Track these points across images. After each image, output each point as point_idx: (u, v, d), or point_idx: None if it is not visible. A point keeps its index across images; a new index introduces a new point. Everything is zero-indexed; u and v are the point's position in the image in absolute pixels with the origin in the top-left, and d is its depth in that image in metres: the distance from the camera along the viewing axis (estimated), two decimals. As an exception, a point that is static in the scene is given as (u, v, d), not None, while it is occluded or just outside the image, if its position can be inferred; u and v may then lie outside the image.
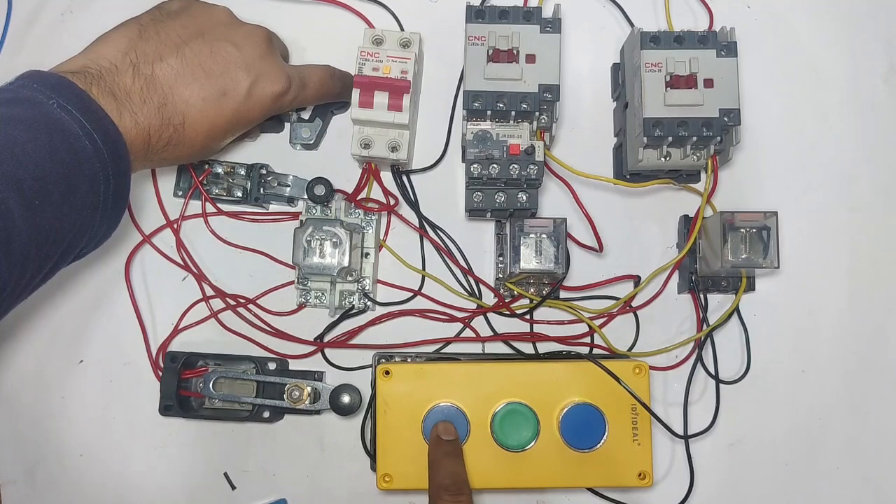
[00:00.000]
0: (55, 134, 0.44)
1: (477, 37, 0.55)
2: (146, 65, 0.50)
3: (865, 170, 0.64)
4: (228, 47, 0.52)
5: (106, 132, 0.46)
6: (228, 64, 0.52)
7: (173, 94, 0.50)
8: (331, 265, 0.58)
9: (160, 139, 0.49)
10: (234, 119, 0.53)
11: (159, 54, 0.50)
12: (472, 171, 0.56)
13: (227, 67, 0.52)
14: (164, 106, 0.49)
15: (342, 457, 0.60)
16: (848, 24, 0.66)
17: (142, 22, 0.52)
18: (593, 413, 0.56)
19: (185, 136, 0.51)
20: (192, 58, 0.51)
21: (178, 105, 0.50)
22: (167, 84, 0.50)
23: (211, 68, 0.51)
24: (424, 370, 0.57)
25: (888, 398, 0.61)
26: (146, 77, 0.49)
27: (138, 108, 0.48)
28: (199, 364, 0.60)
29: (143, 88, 0.49)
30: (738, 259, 0.56)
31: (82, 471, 0.60)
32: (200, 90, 0.51)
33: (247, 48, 0.53)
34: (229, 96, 0.52)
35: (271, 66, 0.54)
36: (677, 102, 0.55)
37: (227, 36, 0.53)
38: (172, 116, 0.50)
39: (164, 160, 0.52)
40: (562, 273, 0.57)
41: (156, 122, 0.49)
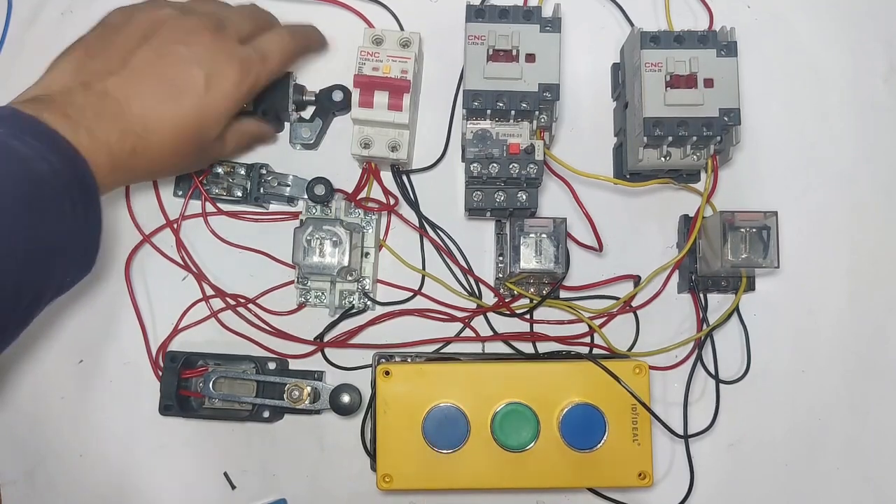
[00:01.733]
0: (9, 162, 0.43)
1: (477, 36, 0.55)
2: (97, 82, 0.49)
3: (865, 170, 0.64)
4: (175, 47, 0.51)
5: (60, 151, 0.45)
6: (178, 63, 0.51)
7: (129, 103, 0.49)
8: (331, 265, 0.58)
9: (123, 149, 0.48)
10: (200, 116, 0.51)
11: (108, 69, 0.50)
12: (472, 170, 0.56)
13: (178, 67, 0.51)
14: (119, 116, 0.49)
15: (342, 457, 0.60)
16: (848, 24, 0.66)
17: (87, 41, 0.52)
18: (593, 413, 0.56)
19: (151, 142, 0.50)
20: (139, 65, 0.50)
21: (134, 112, 0.49)
22: (120, 95, 0.49)
23: (162, 72, 0.51)
24: (424, 370, 0.57)
25: (888, 398, 0.61)
26: (98, 93, 0.49)
27: (94, 123, 0.47)
28: (199, 364, 0.60)
29: (97, 104, 0.48)
30: (738, 259, 0.56)
31: (82, 471, 0.60)
32: (155, 94, 0.50)
33: (194, 43, 0.52)
34: (186, 94, 0.51)
35: (222, 55, 0.52)
36: (677, 102, 0.55)
37: (173, 36, 0.51)
38: (132, 125, 0.49)
39: (139, 170, 0.51)
40: (562, 273, 0.57)
41: (114, 133, 0.48)
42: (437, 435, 0.55)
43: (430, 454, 0.55)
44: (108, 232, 0.62)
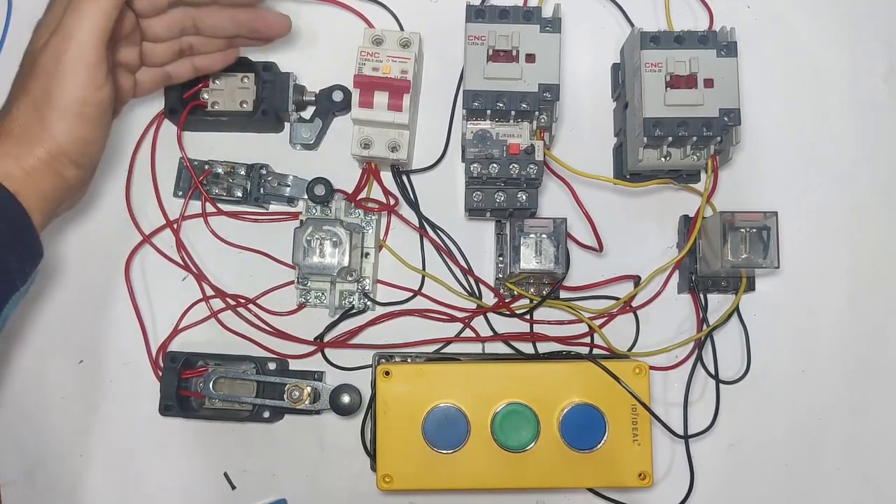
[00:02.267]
0: None
1: (477, 36, 0.55)
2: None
3: (865, 170, 0.64)
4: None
5: None
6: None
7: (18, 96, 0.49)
8: (331, 265, 0.58)
9: (15, 121, 0.48)
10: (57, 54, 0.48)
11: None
12: (472, 170, 0.56)
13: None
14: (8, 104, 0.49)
15: (342, 457, 0.60)
16: (848, 24, 0.66)
17: None
18: (593, 413, 0.56)
19: (38, 100, 0.48)
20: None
21: (17, 95, 0.49)
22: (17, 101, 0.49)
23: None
24: (424, 370, 0.57)
25: (888, 398, 0.61)
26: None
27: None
28: (199, 364, 0.60)
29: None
30: (738, 259, 0.56)
31: (82, 471, 0.60)
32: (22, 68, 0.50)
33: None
34: (41, 50, 0.48)
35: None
36: (677, 102, 0.55)
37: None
38: (17, 101, 0.48)
39: (56, 134, 0.49)
40: (562, 273, 0.57)
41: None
42: (437, 435, 0.55)
43: (430, 454, 0.55)
44: (108, 232, 0.62)
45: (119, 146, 0.63)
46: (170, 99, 0.61)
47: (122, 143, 0.63)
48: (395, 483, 0.55)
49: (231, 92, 0.62)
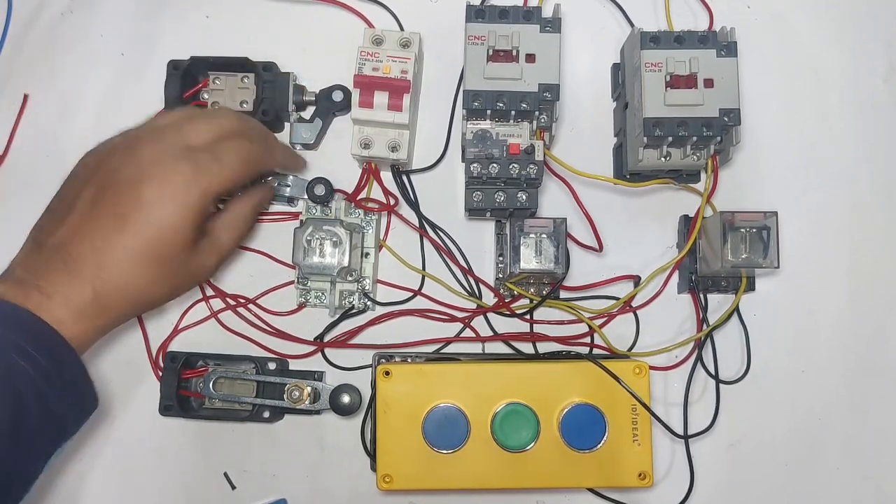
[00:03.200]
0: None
1: (477, 36, 0.55)
2: (49, 237, 0.48)
3: (865, 170, 0.64)
4: (115, 173, 0.49)
5: (17, 320, 0.44)
6: (119, 188, 0.48)
7: (78, 249, 0.47)
8: (331, 265, 0.58)
9: (83, 298, 0.47)
10: (153, 235, 0.48)
11: (59, 220, 0.48)
12: (472, 170, 0.56)
13: (119, 192, 0.48)
14: (70, 260, 0.47)
15: (342, 457, 0.60)
16: (848, 24, 0.66)
17: (51, 202, 0.51)
18: (593, 413, 0.56)
19: (111, 280, 0.47)
20: (84, 206, 0.48)
21: (85, 258, 0.47)
22: (70, 244, 0.47)
23: (104, 203, 0.48)
24: (424, 370, 0.57)
25: (888, 398, 0.61)
26: (50, 248, 0.47)
27: (44, 278, 0.46)
28: (199, 364, 0.60)
29: (48, 258, 0.47)
30: (738, 259, 0.56)
31: (82, 471, 0.60)
32: (101, 230, 0.47)
33: (134, 161, 0.49)
34: (130, 217, 0.47)
35: (167, 161, 0.49)
36: (677, 102, 0.55)
37: (114, 162, 0.49)
38: (85, 270, 0.47)
39: (118, 311, 0.49)
40: (562, 273, 0.57)
41: (69, 285, 0.46)
42: (437, 435, 0.55)
43: (430, 454, 0.55)
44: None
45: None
46: (170, 100, 0.61)
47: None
48: (395, 483, 0.55)
49: (231, 92, 0.62)
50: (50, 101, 0.64)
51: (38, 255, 0.48)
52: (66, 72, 0.64)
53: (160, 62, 0.62)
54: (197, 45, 0.63)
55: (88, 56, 0.65)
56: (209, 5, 0.65)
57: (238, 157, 0.52)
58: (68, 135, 0.63)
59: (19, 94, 0.64)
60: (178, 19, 0.65)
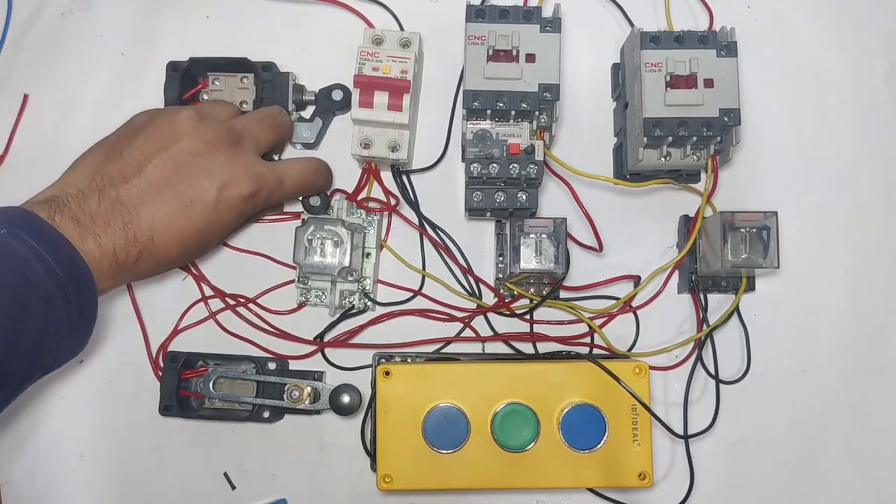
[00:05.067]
0: (3, 260, 0.44)
1: (477, 36, 0.55)
2: (111, 187, 0.50)
3: (865, 170, 0.64)
4: (192, 158, 0.52)
5: (60, 253, 0.46)
6: (193, 175, 0.52)
7: (139, 213, 0.50)
8: (331, 264, 0.58)
9: (129, 256, 0.50)
10: (207, 226, 0.52)
11: (123, 175, 0.51)
12: (472, 170, 0.56)
13: (192, 178, 0.52)
14: (129, 225, 0.50)
15: (342, 457, 0.60)
16: (848, 24, 0.66)
17: (109, 143, 0.53)
18: (593, 413, 0.56)
19: (157, 249, 0.51)
20: (155, 174, 0.51)
21: (143, 223, 0.50)
22: (132, 204, 0.50)
23: (176, 182, 0.51)
24: (424, 370, 0.57)
25: (888, 398, 0.61)
26: (111, 199, 0.50)
27: (102, 230, 0.49)
28: (199, 364, 0.60)
29: (108, 211, 0.49)
30: (738, 259, 0.56)
31: (82, 471, 0.60)
32: (166, 205, 0.51)
33: (210, 156, 0.52)
34: (196, 206, 0.52)
35: (238, 170, 0.53)
36: (677, 102, 0.55)
37: (191, 147, 0.52)
38: (139, 234, 0.50)
39: (142, 273, 0.52)
40: (562, 273, 0.57)
41: (121, 241, 0.49)
42: (437, 435, 0.55)
43: (430, 454, 0.55)
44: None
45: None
46: (169, 101, 0.61)
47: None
48: (395, 483, 0.55)
49: (231, 92, 0.62)
50: (50, 101, 0.64)
51: (98, 203, 0.49)
52: (66, 72, 0.64)
53: (160, 62, 0.62)
54: (197, 45, 0.63)
55: (88, 56, 0.65)
56: (209, 5, 0.65)
57: (297, 182, 0.58)
58: (68, 135, 0.63)
59: (19, 94, 0.64)
60: (178, 19, 0.65)
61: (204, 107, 0.58)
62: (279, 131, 0.59)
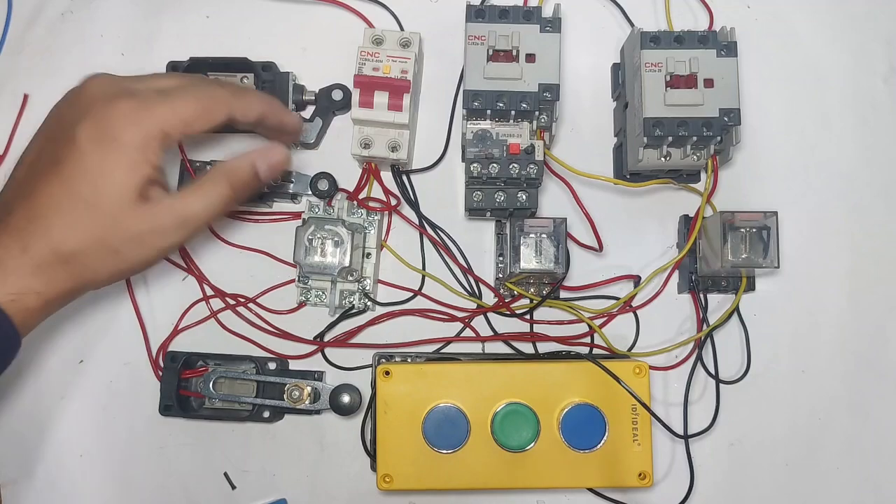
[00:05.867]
0: None
1: (477, 36, 0.55)
2: (5, 215, 0.45)
3: (865, 170, 0.64)
4: (63, 127, 0.46)
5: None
6: (62, 137, 0.45)
7: (34, 228, 0.44)
8: (332, 264, 0.58)
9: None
10: (84, 172, 0.44)
11: (12, 198, 0.46)
12: (472, 170, 0.56)
13: (62, 141, 0.45)
14: (31, 246, 0.44)
15: (342, 457, 0.60)
16: (848, 24, 0.66)
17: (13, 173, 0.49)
18: (593, 413, 0.56)
19: (68, 257, 0.44)
20: (30, 158, 0.47)
21: (45, 236, 0.44)
22: (27, 223, 0.44)
23: (48, 153, 0.45)
24: (424, 370, 0.57)
25: (888, 398, 0.61)
26: (6, 226, 0.44)
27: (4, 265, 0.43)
28: (199, 364, 0.60)
29: (7, 241, 0.44)
30: (738, 259, 0.56)
31: (82, 471, 0.60)
32: (35, 182, 0.45)
33: (81, 111, 0.46)
34: (64, 163, 0.45)
35: (105, 104, 0.45)
36: (677, 102, 0.55)
37: (65, 116, 0.46)
38: (41, 250, 0.44)
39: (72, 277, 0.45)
40: (562, 273, 0.57)
41: (27, 266, 0.43)
42: (437, 435, 0.55)
43: (430, 454, 0.55)
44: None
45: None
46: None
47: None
48: (395, 483, 0.55)
49: (231, 92, 0.62)
50: (50, 101, 0.63)
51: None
52: (66, 72, 0.64)
53: (160, 62, 0.62)
54: (196, 45, 0.63)
55: (88, 56, 0.65)
56: (209, 5, 0.65)
57: (192, 95, 0.46)
58: (68, 135, 0.63)
59: (19, 94, 0.64)
60: (178, 19, 0.65)
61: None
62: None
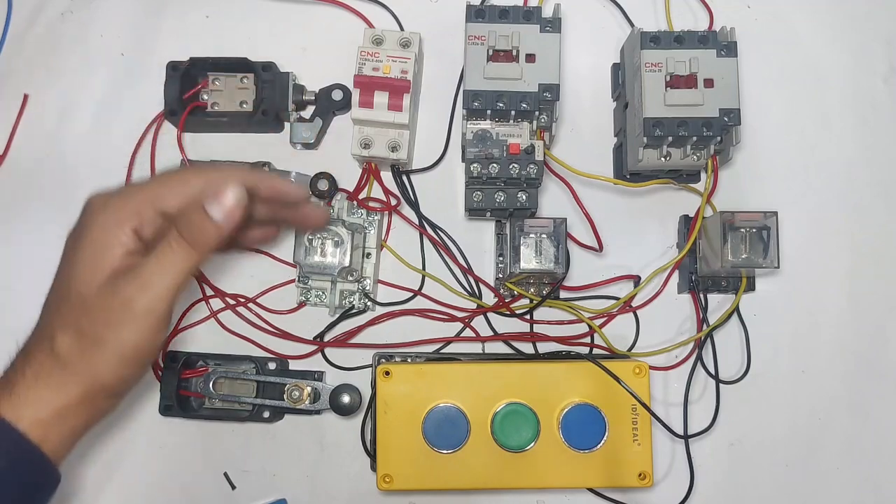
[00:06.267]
0: None
1: (477, 36, 0.55)
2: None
3: (865, 170, 0.64)
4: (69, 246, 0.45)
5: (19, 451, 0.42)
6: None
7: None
8: (332, 264, 0.58)
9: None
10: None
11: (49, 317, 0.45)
12: (472, 170, 0.56)
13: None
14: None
15: (342, 457, 0.60)
16: (848, 24, 0.66)
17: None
18: (593, 413, 0.56)
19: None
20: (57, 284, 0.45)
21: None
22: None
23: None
24: (424, 370, 0.57)
25: (888, 398, 0.61)
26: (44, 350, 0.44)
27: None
28: (199, 364, 0.60)
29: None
30: (738, 259, 0.56)
31: (82, 471, 0.60)
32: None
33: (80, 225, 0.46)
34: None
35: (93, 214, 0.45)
36: (677, 102, 0.55)
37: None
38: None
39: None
40: (562, 273, 0.57)
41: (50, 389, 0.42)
42: (437, 435, 0.55)
43: (430, 454, 0.55)
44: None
45: (119, 147, 0.63)
46: (169, 101, 0.61)
47: (122, 145, 0.63)
48: (395, 483, 0.55)
49: (231, 92, 0.62)
50: (50, 101, 0.64)
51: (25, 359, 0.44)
52: (66, 72, 0.64)
53: (160, 62, 0.62)
54: (196, 45, 0.63)
55: (88, 56, 0.65)
56: (209, 5, 0.65)
57: (164, 174, 0.47)
58: (68, 135, 0.64)
59: (19, 94, 0.64)
60: (178, 19, 0.65)
61: None
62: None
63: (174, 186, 0.45)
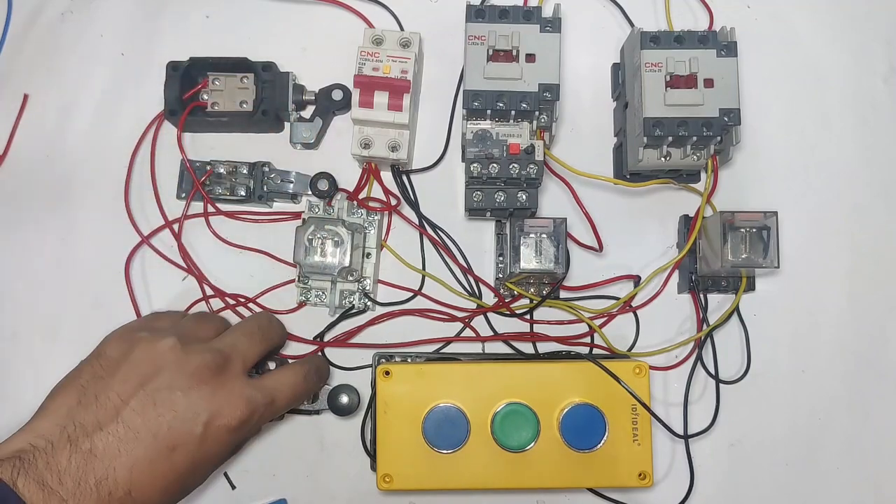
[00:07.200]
0: None
1: (477, 36, 0.55)
2: (84, 438, 0.45)
3: (865, 170, 0.64)
4: (174, 395, 0.47)
5: None
6: (175, 415, 0.47)
7: (114, 466, 0.45)
8: (332, 264, 0.58)
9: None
10: (191, 468, 0.48)
11: (98, 422, 0.45)
12: (472, 170, 0.56)
13: (175, 419, 0.47)
14: (103, 482, 0.44)
15: (342, 457, 0.60)
16: (848, 24, 0.66)
17: (81, 381, 0.48)
18: (593, 413, 0.56)
19: (136, 501, 0.45)
20: (133, 420, 0.46)
21: (120, 477, 0.44)
22: (108, 457, 0.45)
23: (156, 425, 0.46)
24: (424, 370, 0.57)
25: (888, 398, 0.61)
26: (84, 453, 0.44)
27: (70, 492, 0.43)
28: (199, 364, 0.60)
29: (80, 468, 0.44)
30: (738, 259, 0.56)
31: (82, 471, 0.60)
32: (146, 453, 0.46)
33: (195, 389, 0.48)
34: (180, 449, 0.47)
35: (225, 399, 0.49)
36: (677, 102, 0.55)
37: (173, 381, 0.47)
38: (114, 490, 0.44)
39: None
40: (562, 273, 0.57)
41: (92, 501, 0.43)
42: (437, 435, 0.55)
43: (430, 454, 0.55)
44: (108, 232, 0.62)
45: (119, 147, 0.63)
46: (169, 101, 0.61)
47: (122, 145, 0.63)
48: (395, 483, 0.55)
49: (231, 92, 0.62)
50: (50, 101, 0.64)
51: (69, 458, 0.44)
52: (66, 72, 0.64)
53: (160, 62, 0.62)
54: (196, 45, 0.63)
55: (88, 56, 0.65)
56: (209, 5, 0.65)
57: (288, 396, 0.54)
58: (68, 135, 0.64)
59: (19, 94, 0.64)
60: (178, 19, 0.65)
61: (187, 326, 0.54)
62: (270, 343, 0.56)
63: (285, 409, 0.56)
